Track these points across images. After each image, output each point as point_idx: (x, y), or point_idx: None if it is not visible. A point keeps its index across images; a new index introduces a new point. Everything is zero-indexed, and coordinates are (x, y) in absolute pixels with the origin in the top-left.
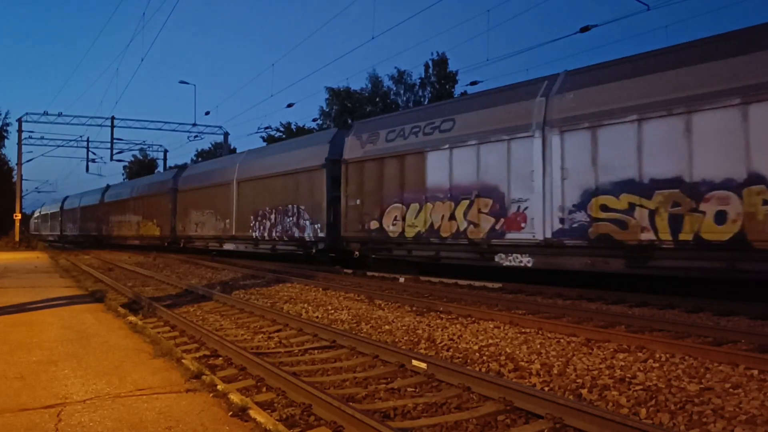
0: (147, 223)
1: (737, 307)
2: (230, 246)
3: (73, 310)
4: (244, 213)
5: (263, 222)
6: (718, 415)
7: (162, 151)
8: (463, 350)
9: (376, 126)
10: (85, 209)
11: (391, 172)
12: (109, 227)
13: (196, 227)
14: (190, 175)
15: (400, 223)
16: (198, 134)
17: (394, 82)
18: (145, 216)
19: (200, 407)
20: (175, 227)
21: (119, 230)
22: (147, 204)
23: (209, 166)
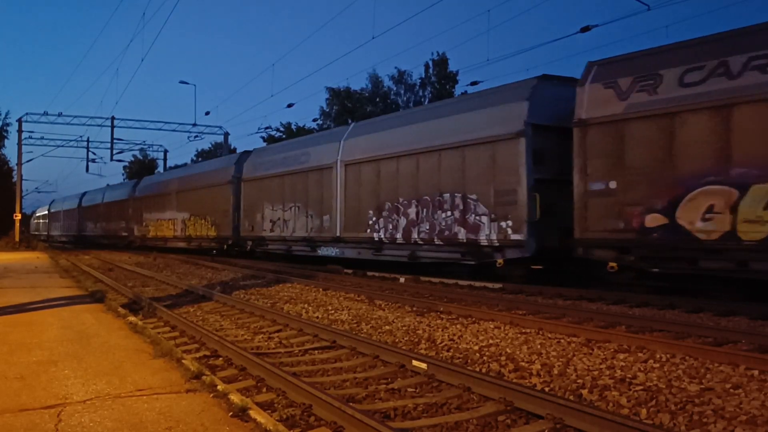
0: (197, 221)
1: (737, 308)
2: (331, 251)
3: (73, 310)
4: (356, 206)
5: (393, 218)
6: (718, 416)
7: (162, 151)
8: (464, 350)
9: (654, 64)
10: (110, 206)
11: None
12: (143, 226)
13: (272, 226)
14: (261, 161)
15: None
16: (198, 134)
17: (394, 82)
18: (194, 213)
19: (200, 407)
20: (238, 226)
21: (157, 230)
22: (197, 198)
23: (291, 147)
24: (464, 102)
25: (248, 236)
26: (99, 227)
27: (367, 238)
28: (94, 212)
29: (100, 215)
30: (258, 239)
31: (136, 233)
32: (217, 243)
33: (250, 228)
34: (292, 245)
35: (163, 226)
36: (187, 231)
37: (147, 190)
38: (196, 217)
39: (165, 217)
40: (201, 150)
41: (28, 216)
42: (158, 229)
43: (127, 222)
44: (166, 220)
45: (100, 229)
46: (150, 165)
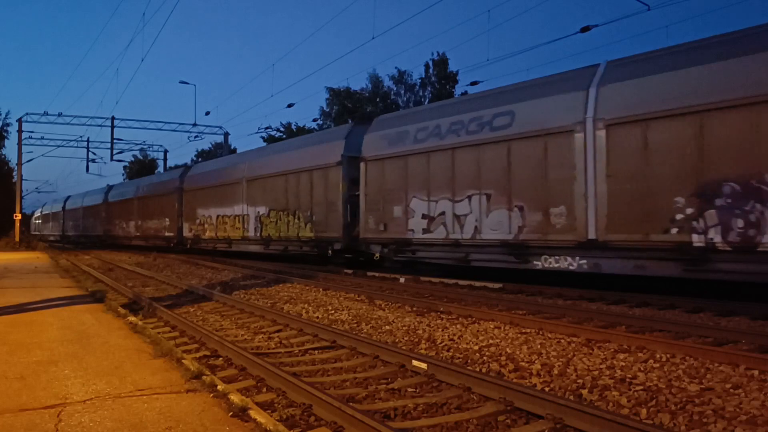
0: (282, 218)
1: (737, 308)
2: (571, 263)
3: (73, 310)
4: (637, 190)
5: (747, 207)
6: (718, 416)
7: (162, 151)
8: (464, 350)
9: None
10: (148, 201)
11: None
12: (196, 224)
13: (427, 223)
14: (397, 132)
15: None
16: (198, 134)
17: (394, 82)
18: (276, 207)
19: (200, 407)
20: (353, 224)
21: (217, 230)
22: (281, 187)
23: (465, 105)
24: None
25: (375, 238)
26: (133, 226)
27: (670, 243)
28: (126, 208)
29: (133, 212)
30: (396, 243)
31: (187, 233)
32: (314, 247)
33: (377, 226)
34: (471, 253)
35: (227, 224)
36: (265, 231)
37: (201, 180)
38: (278, 212)
39: (228, 213)
40: (201, 150)
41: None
42: (219, 229)
43: (174, 220)
44: (230, 217)
45: (134, 228)
46: (150, 165)
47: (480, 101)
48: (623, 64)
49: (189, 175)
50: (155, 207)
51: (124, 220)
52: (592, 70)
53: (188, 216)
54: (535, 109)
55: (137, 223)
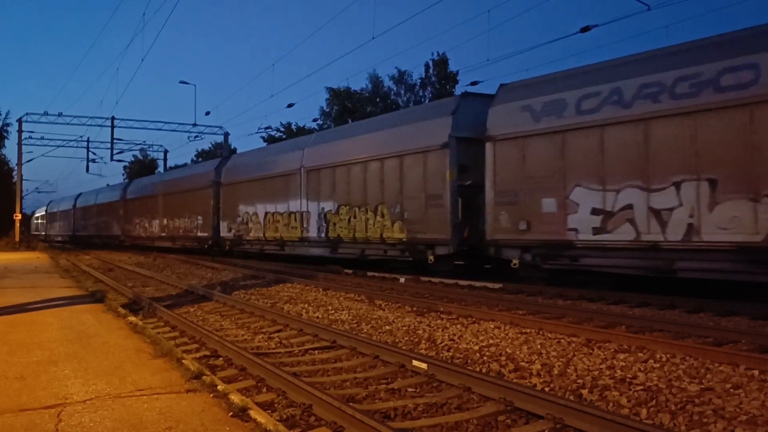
0: (362, 216)
1: (737, 307)
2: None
3: (73, 310)
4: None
5: None
6: (718, 416)
7: (162, 151)
8: (464, 350)
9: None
10: (174, 197)
11: None
12: (241, 224)
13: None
14: (524, 104)
15: None
16: (198, 134)
17: (394, 82)
18: (353, 202)
19: (200, 407)
20: (468, 222)
21: (275, 229)
22: (373, 175)
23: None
24: None
25: (511, 240)
26: (157, 225)
27: None
28: (149, 206)
29: (158, 209)
30: (547, 246)
31: (225, 233)
32: (406, 251)
33: (515, 225)
34: (679, 260)
35: (278, 223)
36: (332, 231)
37: (244, 172)
38: (352, 208)
39: (281, 210)
40: (201, 150)
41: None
42: (268, 228)
43: (208, 218)
44: (283, 215)
45: (159, 227)
46: (150, 165)
47: (692, 54)
48: None
49: (228, 167)
50: (185, 203)
51: (146, 218)
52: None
53: (227, 213)
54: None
55: (163, 222)
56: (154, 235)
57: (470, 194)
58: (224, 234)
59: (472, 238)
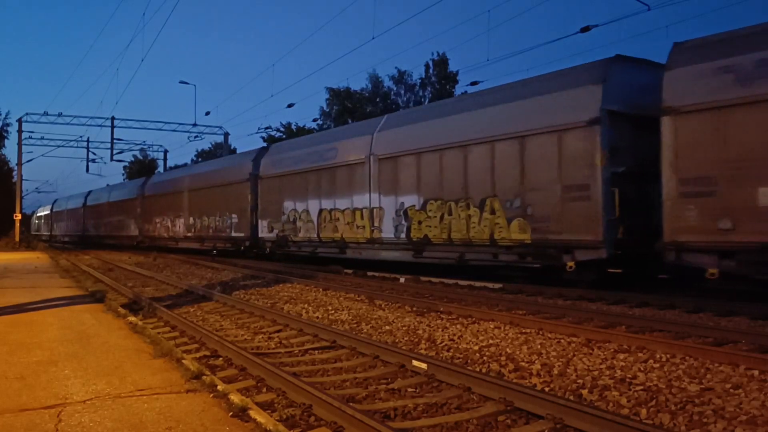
0: (471, 212)
1: (737, 307)
2: None
3: (73, 310)
4: None
5: None
6: (718, 416)
7: (162, 152)
8: (464, 350)
9: None
10: (202, 192)
11: None
12: (287, 223)
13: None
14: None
15: None
16: (198, 134)
17: (394, 83)
18: (455, 194)
19: (200, 407)
20: (624, 219)
21: (330, 228)
22: (478, 162)
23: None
24: None
25: (718, 243)
26: (182, 225)
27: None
28: (172, 203)
29: (183, 207)
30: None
31: (265, 233)
32: (530, 255)
33: (712, 221)
34: None
35: (338, 221)
36: (416, 231)
37: (288, 163)
38: (446, 203)
39: (342, 206)
40: (201, 150)
41: (28, 216)
42: (323, 228)
43: (245, 216)
44: (344, 212)
45: (183, 227)
46: (150, 165)
47: None
48: None
49: (269, 158)
50: (217, 200)
51: (169, 217)
52: None
53: (268, 211)
54: None
55: (189, 221)
56: (178, 236)
57: (624, 184)
58: (264, 234)
59: (628, 240)
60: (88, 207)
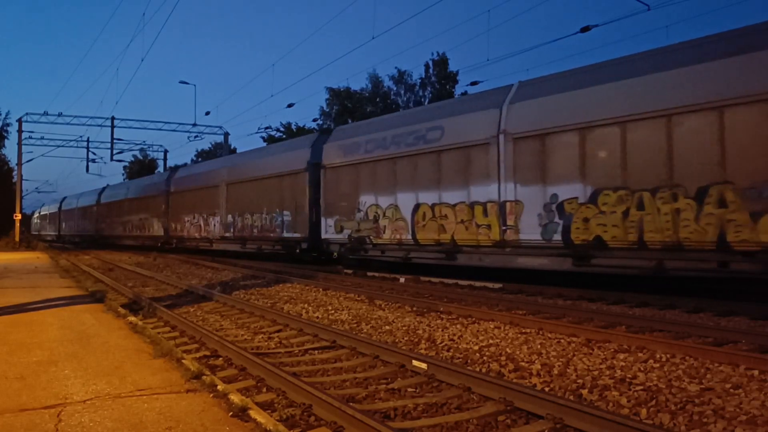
0: (685, 203)
1: (737, 307)
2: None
3: (73, 310)
4: None
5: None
6: (718, 416)
7: (162, 151)
8: (464, 350)
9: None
10: (239, 187)
11: None
12: (364, 220)
13: None
14: None
15: None
16: (198, 134)
17: (394, 83)
18: (653, 181)
19: (200, 407)
20: None
21: (430, 228)
22: (688, 138)
23: None
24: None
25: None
26: (219, 225)
27: None
28: (203, 198)
29: (219, 203)
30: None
31: (330, 233)
32: None
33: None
34: None
35: (446, 219)
36: (581, 231)
37: (362, 148)
38: (641, 193)
39: (451, 200)
40: (201, 150)
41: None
42: (423, 227)
43: (300, 213)
44: (454, 207)
45: (220, 227)
46: (150, 165)
47: None
48: None
49: (333, 144)
50: (262, 195)
51: (202, 214)
52: None
53: (334, 206)
54: None
55: (227, 220)
56: (213, 236)
57: None
58: (330, 235)
59: None
60: (103, 205)
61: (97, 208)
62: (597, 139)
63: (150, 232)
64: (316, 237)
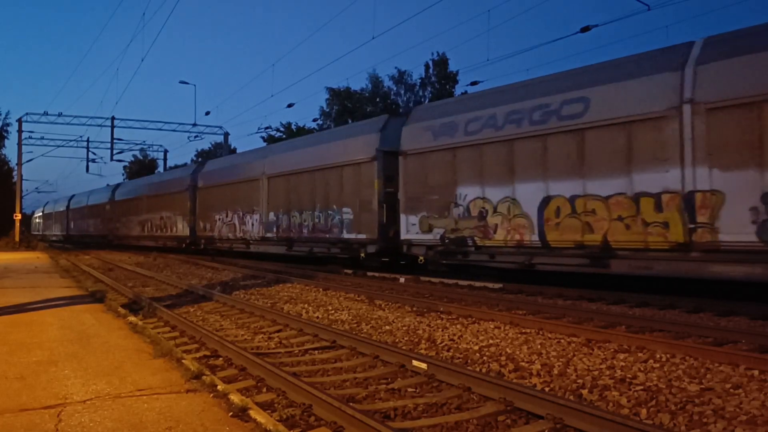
0: None
1: (737, 307)
2: None
3: (73, 310)
4: None
5: None
6: (718, 416)
7: (162, 151)
8: (464, 350)
9: None
10: (300, 178)
11: None
12: (464, 218)
13: None
14: None
15: None
16: (198, 134)
17: (394, 83)
18: None
19: (200, 407)
20: None
21: (573, 227)
22: None
23: None
24: None
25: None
26: (252, 223)
27: None
28: (238, 193)
29: (254, 200)
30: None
31: (412, 233)
32: None
33: None
34: None
35: (593, 214)
36: None
37: (453, 129)
38: None
39: (609, 191)
40: (201, 150)
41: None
42: (556, 227)
43: (367, 212)
44: (620, 199)
45: (257, 226)
46: (150, 165)
47: None
48: None
49: (414, 126)
50: (314, 189)
51: (236, 212)
52: None
53: (421, 201)
54: None
55: (267, 218)
56: (251, 237)
57: None
58: (413, 235)
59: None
60: (118, 202)
61: (111, 206)
62: None
63: (174, 231)
64: (385, 236)
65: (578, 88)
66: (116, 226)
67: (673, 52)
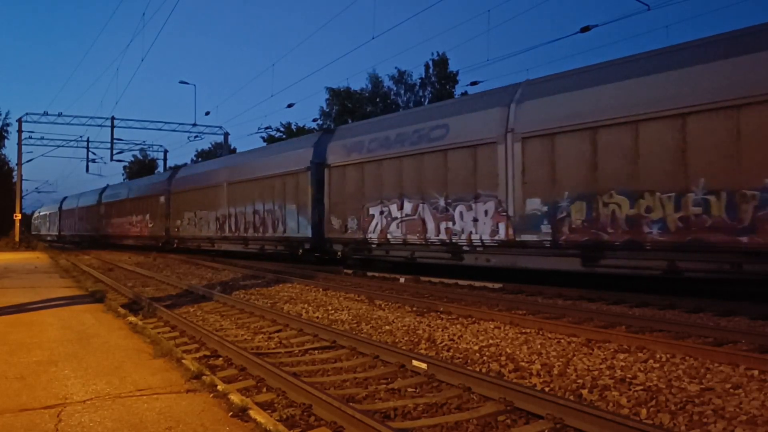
0: None
1: (737, 307)
2: None
3: (73, 310)
4: None
5: None
6: (718, 416)
7: (162, 151)
8: (464, 350)
9: None
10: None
11: None
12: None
13: None
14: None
15: None
16: (198, 134)
17: (394, 83)
18: None
19: (200, 407)
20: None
21: None
22: None
23: None
24: None
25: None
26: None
27: None
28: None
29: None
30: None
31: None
32: None
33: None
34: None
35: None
36: None
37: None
38: None
39: None
40: (201, 150)
41: (28, 216)
42: None
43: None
44: None
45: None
46: (150, 165)
47: None
48: None
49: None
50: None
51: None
52: None
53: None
54: None
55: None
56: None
57: None
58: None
59: None
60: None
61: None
62: None
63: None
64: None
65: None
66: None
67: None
